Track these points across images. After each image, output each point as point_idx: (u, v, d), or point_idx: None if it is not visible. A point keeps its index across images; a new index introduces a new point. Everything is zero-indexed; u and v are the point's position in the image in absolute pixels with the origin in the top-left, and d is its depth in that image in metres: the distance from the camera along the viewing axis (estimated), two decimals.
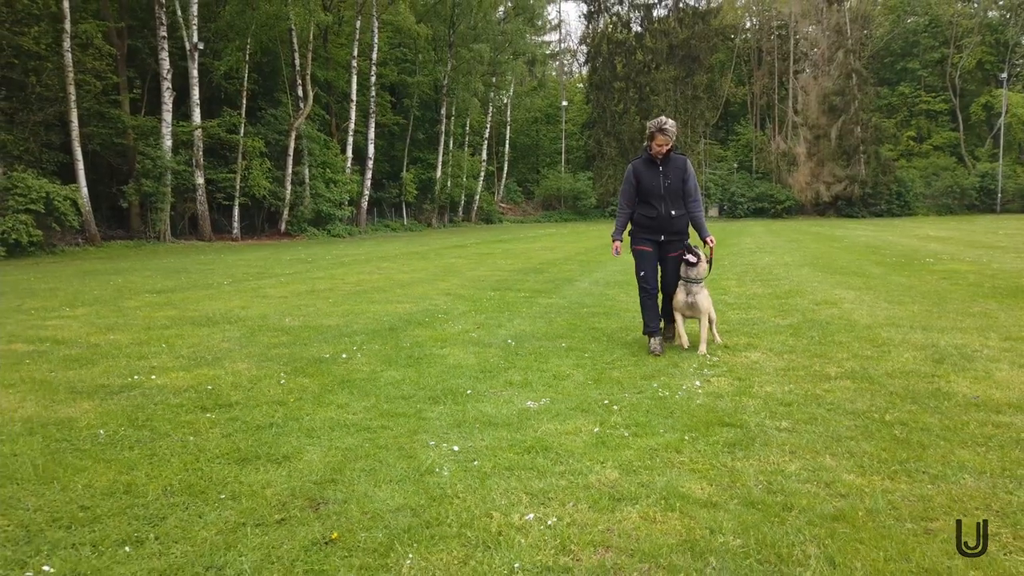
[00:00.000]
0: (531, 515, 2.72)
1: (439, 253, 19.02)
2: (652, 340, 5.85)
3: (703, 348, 5.76)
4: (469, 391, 4.57)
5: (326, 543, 2.50)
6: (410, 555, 2.41)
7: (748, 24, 62.56)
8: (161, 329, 6.98)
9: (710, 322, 5.95)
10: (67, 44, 23.40)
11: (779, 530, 2.55)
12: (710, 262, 5.93)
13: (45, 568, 2.33)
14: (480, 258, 16.80)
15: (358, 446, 3.52)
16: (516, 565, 2.35)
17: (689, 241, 5.85)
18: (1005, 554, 2.40)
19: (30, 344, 6.25)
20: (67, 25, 23.28)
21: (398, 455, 3.40)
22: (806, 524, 2.60)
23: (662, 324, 6.07)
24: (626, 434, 3.67)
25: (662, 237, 5.86)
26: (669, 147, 5.64)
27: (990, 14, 57.17)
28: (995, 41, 55.10)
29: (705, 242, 5.91)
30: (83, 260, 19.11)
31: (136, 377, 4.98)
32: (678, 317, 5.96)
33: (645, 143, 5.77)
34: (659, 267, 5.99)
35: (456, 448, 3.47)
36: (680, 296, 5.81)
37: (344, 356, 5.67)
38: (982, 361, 5.09)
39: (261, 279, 12.31)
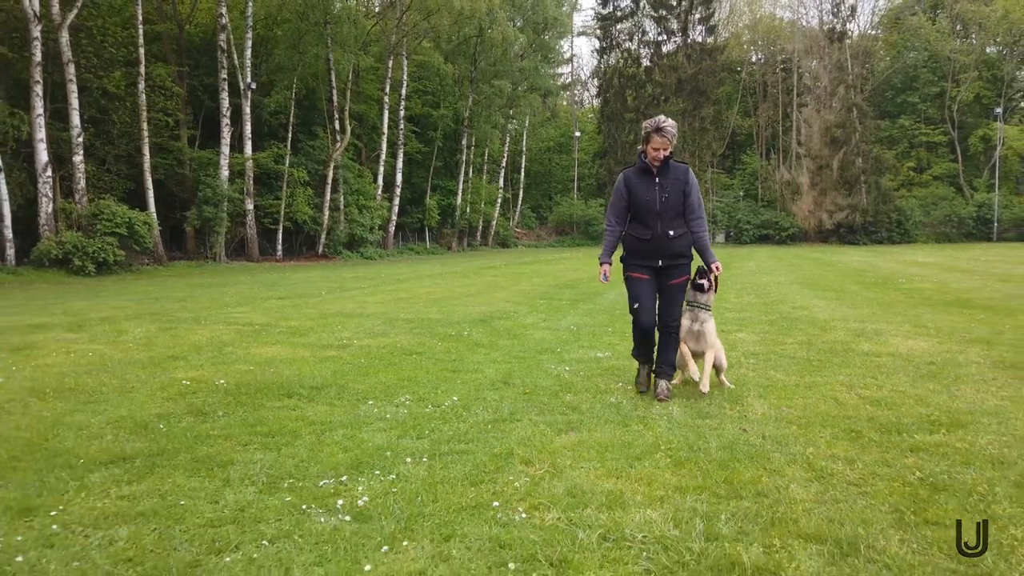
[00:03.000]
0: (620, 384, 5.48)
1: (477, 272, 21.79)
2: (643, 369, 5.40)
3: (705, 384, 5.16)
4: (559, 349, 7.32)
5: (525, 393, 5.29)
6: (568, 395, 5.21)
7: (754, 59, 65.68)
8: (321, 319, 9.77)
9: (717, 370, 5.49)
10: (142, 86, 26.56)
11: (738, 391, 5.32)
12: (715, 290, 5.35)
13: (403, 399, 5.07)
14: (515, 276, 19.55)
15: (511, 368, 6.30)
16: (620, 399, 5.10)
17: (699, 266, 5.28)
18: (834, 399, 5.08)
19: (244, 326, 9.04)
20: (142, 69, 26.42)
21: (536, 370, 6.18)
22: (752, 387, 5.41)
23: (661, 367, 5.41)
24: None
25: (660, 263, 5.08)
26: (668, 152, 4.88)
27: (988, 50, 59.81)
28: (992, 76, 57.72)
29: (710, 268, 5.15)
30: (163, 276, 22.01)
31: (344, 341, 7.77)
32: (684, 349, 5.29)
33: (640, 147, 4.97)
34: (658, 297, 5.23)
35: (567, 368, 6.25)
36: (686, 323, 5.22)
37: (465, 333, 8.43)
38: (885, 336, 7.83)
39: (346, 291, 15.09)
